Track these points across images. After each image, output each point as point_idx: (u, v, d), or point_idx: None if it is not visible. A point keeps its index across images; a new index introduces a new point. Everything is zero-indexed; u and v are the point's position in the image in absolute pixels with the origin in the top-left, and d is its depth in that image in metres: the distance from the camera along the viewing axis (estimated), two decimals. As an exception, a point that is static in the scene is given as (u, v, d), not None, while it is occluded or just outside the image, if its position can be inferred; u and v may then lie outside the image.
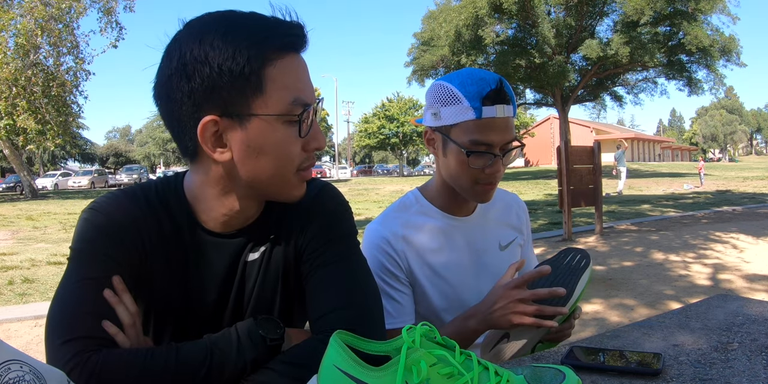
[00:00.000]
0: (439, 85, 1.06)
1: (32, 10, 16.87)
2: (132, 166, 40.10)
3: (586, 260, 1.02)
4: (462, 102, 1.01)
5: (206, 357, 0.68)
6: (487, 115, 1.00)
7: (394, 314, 1.08)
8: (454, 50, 22.86)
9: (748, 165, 43.76)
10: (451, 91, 1.02)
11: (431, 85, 1.10)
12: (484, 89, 1.00)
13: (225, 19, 0.70)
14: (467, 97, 1.00)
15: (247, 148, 0.71)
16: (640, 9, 20.06)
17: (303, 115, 0.72)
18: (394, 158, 57.66)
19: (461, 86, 1.01)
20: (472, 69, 1.07)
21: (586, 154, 6.67)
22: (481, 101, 0.99)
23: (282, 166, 0.74)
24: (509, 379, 0.59)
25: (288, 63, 0.71)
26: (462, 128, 1.02)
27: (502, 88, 1.01)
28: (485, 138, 1.01)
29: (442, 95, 1.04)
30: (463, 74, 1.04)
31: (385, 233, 1.12)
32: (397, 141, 40.07)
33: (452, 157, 1.06)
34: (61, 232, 9.14)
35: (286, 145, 0.72)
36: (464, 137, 1.02)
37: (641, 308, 3.71)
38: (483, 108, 0.99)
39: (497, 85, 1.00)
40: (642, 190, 17.31)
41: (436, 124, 1.06)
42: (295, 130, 0.72)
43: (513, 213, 1.27)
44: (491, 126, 1.01)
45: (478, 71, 1.05)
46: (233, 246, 0.82)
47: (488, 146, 1.02)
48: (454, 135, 1.04)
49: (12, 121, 17.03)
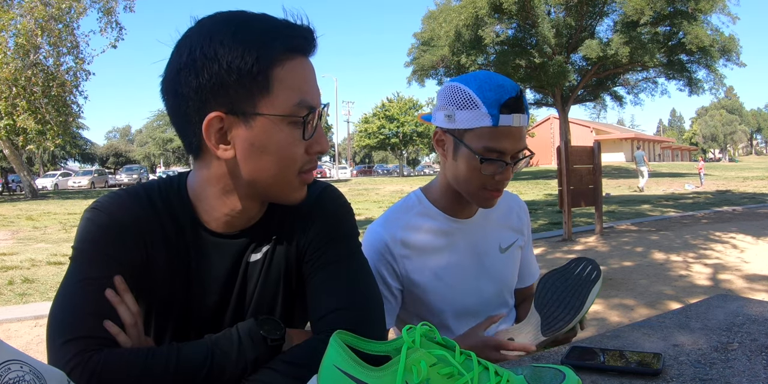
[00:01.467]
0: (456, 87, 1.04)
1: (32, 10, 16.88)
2: (132, 166, 40.09)
3: (597, 272, 1.02)
4: (479, 108, 0.99)
5: (207, 357, 0.69)
6: (504, 124, 0.99)
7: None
8: (454, 50, 22.86)
9: (748, 165, 43.75)
10: (468, 94, 1.01)
11: (446, 85, 1.08)
12: (503, 97, 0.99)
13: (236, 19, 0.71)
14: (485, 103, 0.99)
15: (250, 147, 0.71)
16: (640, 9, 20.06)
17: (308, 117, 0.72)
18: (394, 158, 57.64)
19: (479, 91, 1.00)
20: (489, 73, 1.05)
21: (586, 154, 6.67)
22: (499, 109, 0.99)
23: (284, 166, 0.74)
24: (509, 379, 0.59)
25: (296, 65, 0.71)
26: (477, 134, 1.01)
27: (521, 98, 1.01)
28: (499, 146, 1.01)
29: (458, 98, 1.02)
30: (481, 78, 1.03)
31: (386, 237, 1.11)
32: (397, 141, 40.07)
33: (463, 161, 1.05)
34: (61, 232, 9.14)
35: (289, 146, 0.73)
36: (478, 143, 1.01)
37: (641, 308, 3.71)
38: (501, 116, 0.99)
39: (517, 94, 1.00)
40: (642, 190, 17.30)
41: (449, 126, 1.05)
42: (299, 132, 0.72)
43: (514, 215, 1.26)
44: (506, 134, 1.01)
45: (496, 76, 1.03)
46: (235, 246, 0.82)
47: (500, 154, 1.02)
48: (468, 140, 1.03)
49: (12, 121, 17.04)
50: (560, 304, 1.01)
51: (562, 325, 0.99)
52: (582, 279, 1.02)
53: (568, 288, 1.01)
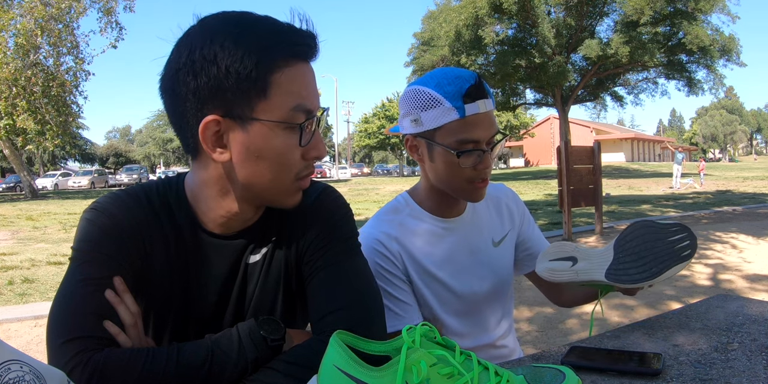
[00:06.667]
0: (415, 90, 1.03)
1: (32, 10, 16.88)
2: (132, 166, 40.10)
3: (690, 251, 0.94)
4: (443, 103, 0.99)
5: (207, 357, 0.69)
6: (471, 112, 0.98)
7: (402, 314, 1.06)
8: (454, 50, 22.87)
9: (748, 165, 43.76)
10: (429, 94, 1.00)
11: (405, 91, 1.07)
12: (463, 87, 0.98)
13: (239, 21, 0.70)
14: (447, 98, 0.98)
15: (246, 151, 0.71)
16: (640, 9, 20.06)
17: (305, 123, 0.72)
18: (394, 158, 57.65)
19: (438, 87, 0.99)
20: (444, 69, 1.04)
21: (586, 154, 6.68)
22: (462, 99, 0.98)
23: (280, 172, 0.74)
24: (509, 379, 0.59)
25: (296, 71, 0.71)
26: (447, 130, 1.00)
27: (481, 83, 1.00)
28: (472, 135, 1.00)
29: (419, 100, 1.01)
30: (437, 75, 1.02)
31: (378, 235, 1.10)
32: (397, 141, 40.07)
33: (440, 160, 1.04)
34: (61, 232, 9.14)
35: (285, 151, 0.72)
36: (450, 138, 1.01)
37: (641, 308, 3.71)
38: (465, 106, 0.98)
39: (476, 81, 0.99)
40: (642, 190, 17.30)
41: (417, 130, 1.04)
42: (296, 137, 0.72)
43: (503, 205, 1.25)
44: (476, 122, 1.00)
45: (451, 70, 1.02)
46: (234, 248, 0.82)
47: (476, 143, 1.01)
48: (440, 138, 1.02)
49: (12, 121, 17.04)
50: (639, 259, 0.95)
51: (627, 280, 0.94)
52: (674, 250, 0.94)
53: (656, 249, 0.94)
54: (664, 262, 0.94)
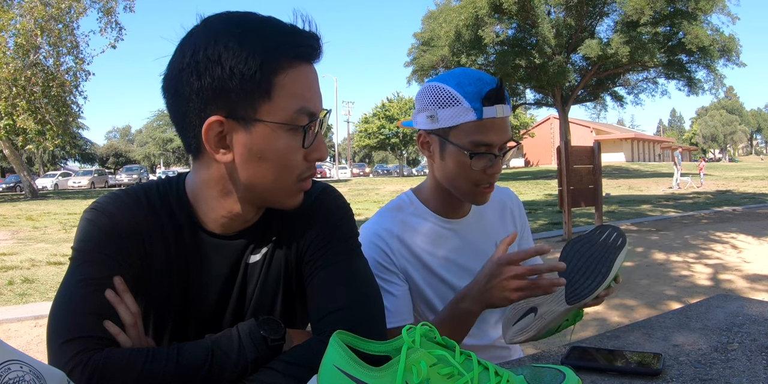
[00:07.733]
0: (434, 86, 1.03)
1: (32, 10, 16.87)
2: (132, 166, 40.11)
3: (622, 239, 0.98)
4: (461, 103, 0.99)
5: (207, 357, 0.69)
6: (488, 116, 0.99)
7: (391, 310, 1.05)
8: (454, 50, 22.87)
9: (748, 165, 43.75)
10: (448, 92, 1.00)
11: (423, 86, 1.07)
12: (483, 89, 0.99)
13: (243, 22, 0.70)
14: (467, 98, 0.99)
15: (249, 152, 0.71)
16: (640, 9, 20.07)
17: (308, 125, 0.72)
18: (394, 158, 57.63)
19: (459, 87, 1.00)
20: (465, 69, 1.05)
21: (586, 154, 6.67)
22: (481, 102, 0.98)
23: (282, 173, 0.74)
24: (509, 379, 0.59)
25: (299, 72, 0.71)
26: (462, 130, 1.01)
27: (501, 88, 1.00)
28: (486, 138, 1.00)
29: (438, 97, 1.02)
30: (459, 74, 1.02)
31: (379, 230, 1.10)
32: (397, 141, 40.11)
33: (451, 159, 1.04)
34: (61, 232, 9.14)
35: (288, 153, 0.72)
36: (464, 139, 1.01)
37: (641, 308, 3.71)
38: (484, 108, 0.98)
39: (497, 85, 0.99)
40: (642, 190, 17.31)
41: (432, 126, 1.04)
42: (298, 139, 0.72)
43: (507, 210, 1.25)
44: (492, 126, 1.00)
45: (473, 71, 1.03)
46: (234, 248, 0.82)
47: (489, 147, 1.01)
48: (454, 137, 1.02)
49: (12, 121, 17.03)
50: (585, 271, 0.97)
51: (587, 293, 0.95)
52: (607, 246, 0.98)
53: (593, 255, 0.97)
54: (607, 258, 0.96)
